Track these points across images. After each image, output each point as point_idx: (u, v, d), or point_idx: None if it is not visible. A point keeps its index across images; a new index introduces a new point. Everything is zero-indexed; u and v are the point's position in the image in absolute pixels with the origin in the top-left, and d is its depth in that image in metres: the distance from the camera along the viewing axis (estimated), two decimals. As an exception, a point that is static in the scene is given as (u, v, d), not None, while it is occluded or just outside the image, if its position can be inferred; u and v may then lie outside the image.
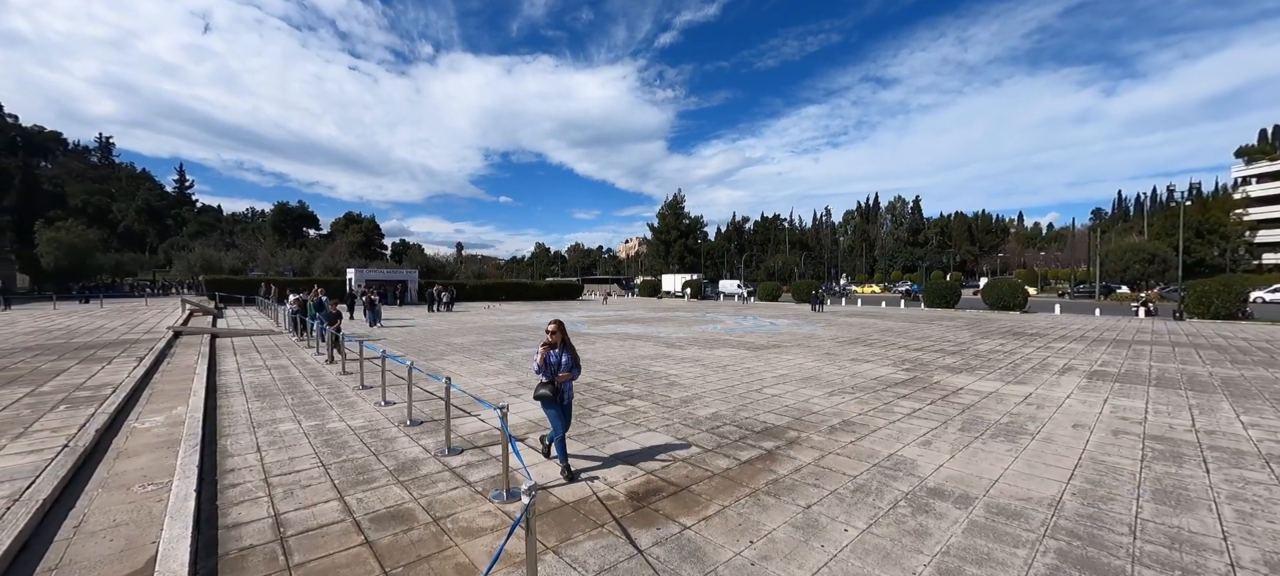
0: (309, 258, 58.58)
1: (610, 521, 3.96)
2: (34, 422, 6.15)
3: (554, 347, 4.72)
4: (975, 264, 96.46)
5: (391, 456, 5.43)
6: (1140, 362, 11.63)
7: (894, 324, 21.99)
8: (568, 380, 4.76)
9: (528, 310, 32.40)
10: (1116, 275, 47.16)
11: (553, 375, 4.67)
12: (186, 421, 6.32)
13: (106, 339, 14.80)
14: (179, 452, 5.16)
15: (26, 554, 3.34)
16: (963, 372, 10.34)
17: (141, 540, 3.56)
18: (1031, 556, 3.46)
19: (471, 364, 11.59)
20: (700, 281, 58.69)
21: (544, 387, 4.64)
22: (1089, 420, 6.87)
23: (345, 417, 6.99)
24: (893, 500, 4.33)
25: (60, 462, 4.68)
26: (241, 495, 4.46)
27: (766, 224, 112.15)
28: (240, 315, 26.64)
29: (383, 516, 4.06)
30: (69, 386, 8.29)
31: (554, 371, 4.68)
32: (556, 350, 4.74)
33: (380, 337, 16.40)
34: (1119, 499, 4.39)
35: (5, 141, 68.76)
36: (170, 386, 8.77)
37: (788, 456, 5.41)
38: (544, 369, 4.68)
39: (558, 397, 4.64)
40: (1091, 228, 79.10)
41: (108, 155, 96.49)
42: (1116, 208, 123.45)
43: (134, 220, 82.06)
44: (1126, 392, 8.54)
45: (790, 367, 10.94)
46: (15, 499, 3.88)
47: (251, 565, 3.37)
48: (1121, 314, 27.82)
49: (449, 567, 3.34)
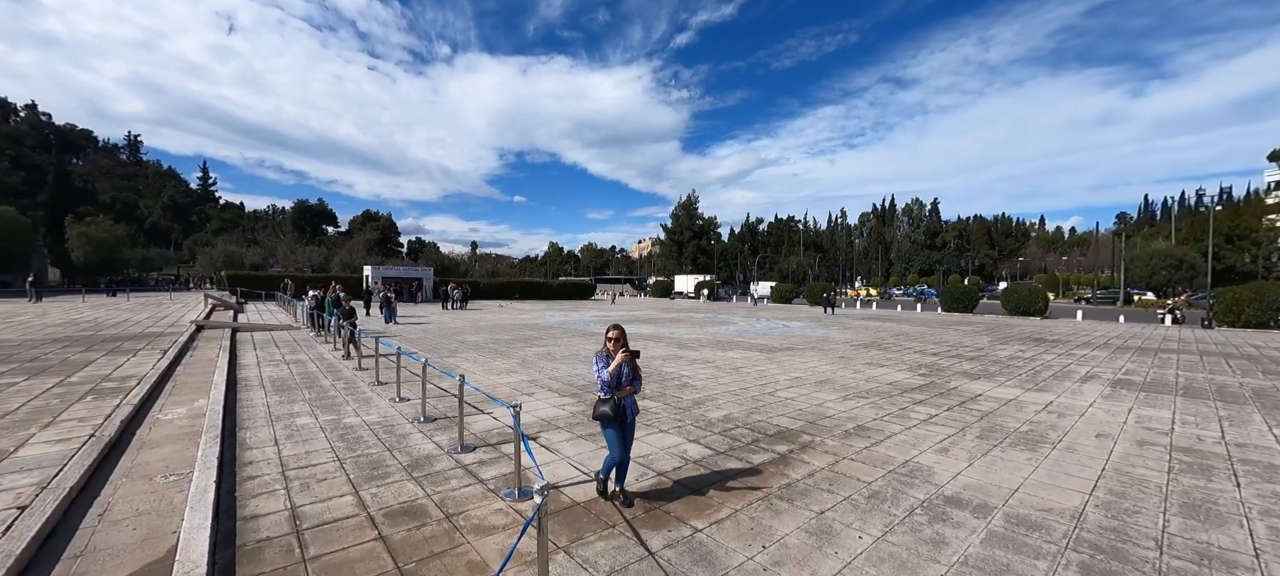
0: (327, 254, 59.58)
1: (621, 522, 3.94)
2: (62, 412, 6.33)
3: (612, 356, 4.13)
4: (994, 268, 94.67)
5: (405, 452, 5.48)
6: (1166, 371, 11.30)
7: (910, 328, 21.67)
8: (630, 394, 4.21)
9: (541, 309, 32.56)
10: (1142, 281, 45.94)
11: (614, 390, 4.08)
12: (207, 414, 6.45)
13: (132, 332, 15.20)
14: (200, 444, 5.26)
15: (53, 540, 3.44)
16: (981, 379, 10.15)
17: (163, 529, 3.64)
18: (1052, 569, 3.37)
19: (485, 362, 11.68)
20: (714, 282, 58.43)
21: (605, 404, 4.03)
22: (1113, 430, 6.69)
23: (361, 413, 7.08)
24: (908, 508, 4.26)
25: (86, 452, 4.81)
26: (259, 487, 4.54)
27: (780, 225, 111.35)
28: (260, 310, 27.18)
29: (396, 512, 4.10)
30: (96, 377, 8.52)
31: (616, 386, 4.09)
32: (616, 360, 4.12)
33: (395, 334, 16.61)
34: (1145, 512, 4.26)
35: (39, 139, 71.06)
36: (192, 379, 8.97)
37: (801, 461, 5.35)
38: (606, 382, 4.06)
39: (621, 417, 4.06)
40: (1116, 232, 77.18)
41: (136, 153, 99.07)
42: (1142, 212, 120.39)
43: (160, 216, 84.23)
44: (1152, 402, 8.30)
45: (804, 370, 10.83)
46: (43, 486, 3.99)
47: (268, 557, 3.42)
48: (1147, 321, 27.10)
49: (461, 564, 3.35)
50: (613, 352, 4.12)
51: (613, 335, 4.16)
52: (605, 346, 4.19)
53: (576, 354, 12.91)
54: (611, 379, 4.03)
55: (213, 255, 58.71)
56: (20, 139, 67.69)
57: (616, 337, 4.14)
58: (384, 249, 71.47)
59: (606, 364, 4.10)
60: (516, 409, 4.27)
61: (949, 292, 33.76)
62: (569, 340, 15.91)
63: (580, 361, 11.71)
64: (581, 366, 11.04)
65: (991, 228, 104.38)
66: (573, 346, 14.40)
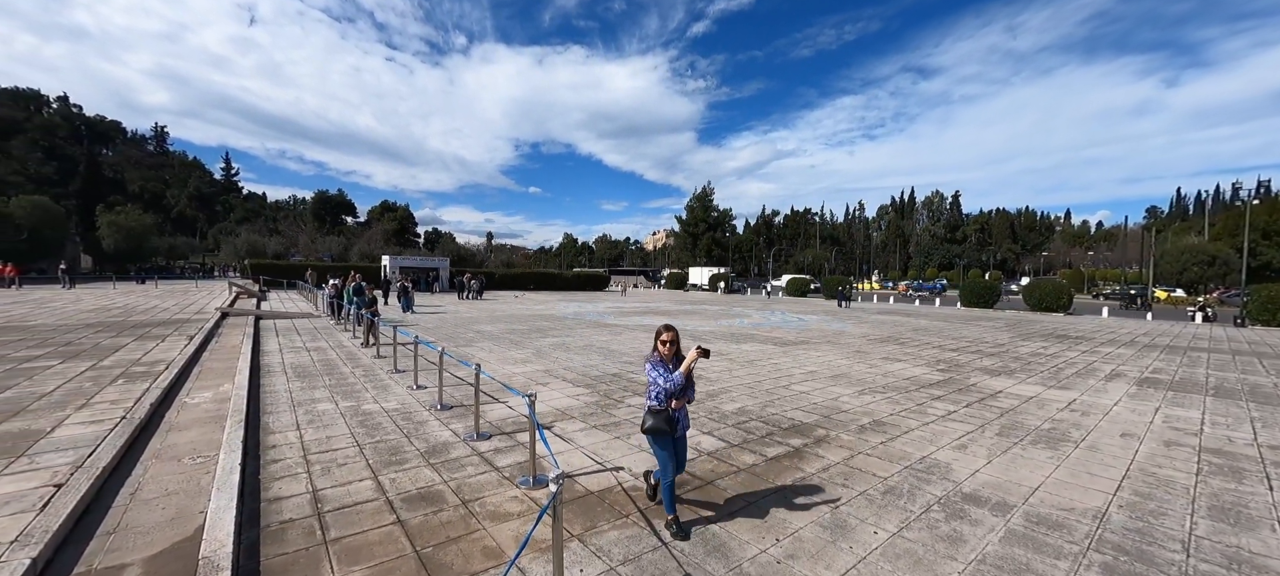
0: (347, 244, 60.61)
1: (635, 512, 3.97)
2: (95, 395, 6.56)
3: (667, 362, 3.64)
4: (1017, 263, 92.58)
5: (422, 439, 5.57)
6: (1196, 370, 10.97)
7: (928, 323, 21.34)
8: (683, 406, 3.74)
9: (555, 300, 32.74)
10: (1172, 277, 44.49)
11: (668, 400, 3.58)
12: (232, 398, 6.63)
13: (160, 318, 15.65)
14: (225, 428, 5.42)
15: (88, 517, 3.57)
16: (1001, 375, 9.96)
17: (190, 509, 3.76)
18: (1074, 569, 3.31)
19: (500, 351, 11.79)
20: (729, 275, 58.04)
21: (657, 416, 3.55)
22: (1139, 429, 6.52)
23: (379, 400, 7.20)
24: (925, 504, 4.21)
25: (118, 433, 4.98)
26: (282, 470, 4.65)
27: (797, 218, 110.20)
28: (282, 298, 27.77)
29: (414, 497, 4.17)
30: (126, 361, 8.80)
31: (671, 395, 3.57)
32: (670, 366, 3.61)
33: (413, 323, 16.85)
34: (1171, 514, 4.15)
35: (71, 130, 73.22)
36: (217, 364, 9.22)
37: (816, 455, 5.32)
38: (666, 391, 3.56)
39: (673, 429, 3.57)
40: (1146, 226, 74.81)
41: (162, 143, 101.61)
42: (1175, 205, 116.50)
43: (186, 206, 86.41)
44: (1181, 402, 8.07)
45: (819, 364, 10.74)
46: (78, 466, 4.15)
47: (291, 538, 3.52)
48: (1176, 319, 26.31)
49: (477, 550, 3.41)
50: (667, 356, 3.63)
51: (666, 337, 3.64)
52: (657, 349, 3.66)
53: (590, 345, 12.97)
54: (676, 387, 3.50)
55: (236, 244, 60.14)
56: (53, 130, 69.81)
57: (671, 339, 3.64)
58: (401, 239, 72.44)
59: (662, 370, 3.57)
60: (531, 398, 4.31)
61: (969, 288, 33.09)
62: (583, 331, 15.99)
63: (594, 352, 11.77)
64: (596, 357, 11.09)
65: (1014, 221, 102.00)
66: (587, 337, 14.47)
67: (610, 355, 11.42)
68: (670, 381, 3.51)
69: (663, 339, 3.66)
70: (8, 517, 3.36)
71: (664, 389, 3.53)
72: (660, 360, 3.64)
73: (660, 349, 3.65)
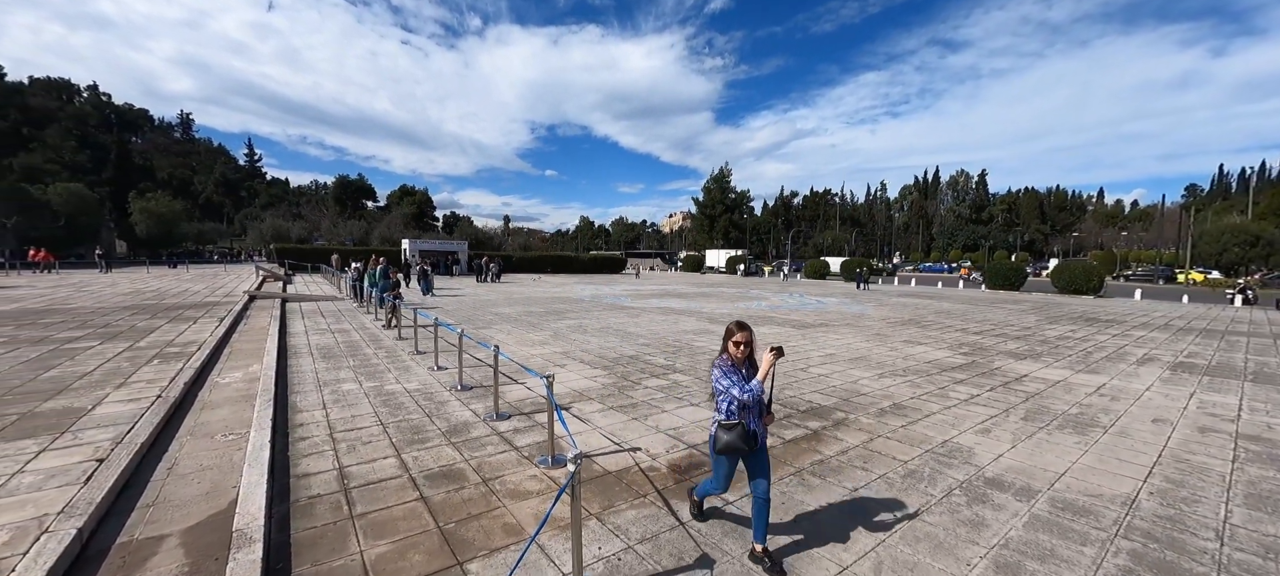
0: (367, 228, 61.64)
1: (652, 492, 4.00)
2: (132, 374, 6.82)
3: (740, 366, 3.09)
4: (1045, 244, 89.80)
5: (443, 418, 5.68)
6: (1234, 355, 10.57)
7: (951, 305, 20.92)
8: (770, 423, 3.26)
9: (572, 282, 32.91)
10: (1211, 258, 42.73)
11: (756, 404, 2.99)
12: (261, 378, 6.83)
13: (192, 301, 16.16)
14: (255, 407, 5.59)
15: (129, 491, 3.73)
16: (1027, 359, 9.73)
17: (224, 484, 3.90)
18: (1100, 555, 3.24)
19: (519, 333, 11.92)
20: (747, 257, 57.48)
21: (731, 431, 2.99)
22: (1171, 415, 6.32)
23: (401, 380, 7.35)
24: (946, 488, 4.16)
25: (154, 411, 5.18)
26: (310, 448, 4.80)
27: (816, 199, 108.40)
28: (307, 282, 28.44)
29: (436, 475, 4.26)
30: (161, 342, 9.13)
31: (754, 409, 3.03)
32: (743, 372, 3.07)
33: (433, 306, 17.11)
34: (1205, 501, 4.03)
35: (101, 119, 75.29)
36: (246, 346, 9.50)
37: (834, 437, 5.28)
38: (731, 401, 3.01)
39: (753, 445, 3.03)
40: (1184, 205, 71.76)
41: (188, 131, 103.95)
42: (1216, 183, 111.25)
43: (213, 192, 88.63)
44: (1217, 387, 7.80)
45: (838, 347, 10.63)
46: (118, 442, 4.33)
47: (319, 512, 3.63)
48: (1213, 302, 25.33)
49: (498, 526, 3.47)
50: (741, 360, 3.09)
51: (740, 338, 3.06)
52: (728, 351, 3.11)
53: (608, 327, 13.03)
54: (754, 397, 2.93)
55: (262, 229, 61.64)
56: (85, 119, 71.84)
57: (745, 341, 3.05)
58: (420, 223, 73.36)
59: (734, 376, 3.01)
60: (549, 379, 4.34)
61: (994, 270, 32.28)
62: (600, 314, 16.06)
63: (612, 335, 11.82)
64: (613, 339, 11.14)
65: (1044, 201, 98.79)
66: (604, 320, 14.53)
67: (627, 337, 11.46)
68: (747, 392, 2.92)
69: (735, 340, 3.07)
70: (55, 489, 3.53)
71: (739, 400, 2.97)
72: (731, 365, 3.07)
73: (732, 351, 3.09)
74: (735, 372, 3.05)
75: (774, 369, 2.95)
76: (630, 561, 3.11)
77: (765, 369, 2.92)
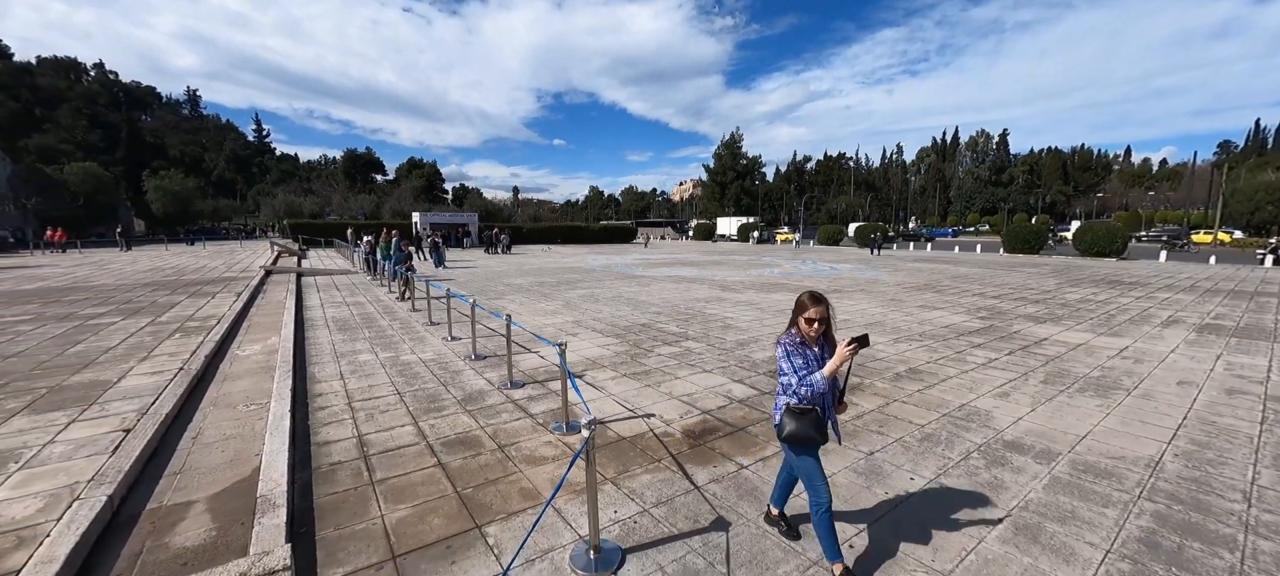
0: (378, 202, 61.83)
1: (667, 457, 4.01)
2: (155, 348, 6.96)
3: (811, 346, 2.58)
4: (1066, 205, 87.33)
5: (458, 387, 5.73)
6: (1263, 316, 10.27)
7: (968, 270, 20.55)
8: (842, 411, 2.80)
9: (583, 252, 32.87)
10: (1243, 218, 41.25)
11: (823, 396, 2.54)
12: (280, 350, 6.94)
13: (210, 277, 16.43)
14: (274, 378, 5.69)
15: (156, 459, 3.83)
16: (1047, 322, 9.55)
17: (247, 452, 3.98)
18: (1123, 517, 3.19)
19: (530, 303, 11.96)
20: (760, 224, 56.75)
21: (803, 417, 2.51)
22: (1197, 377, 6.17)
23: (416, 351, 7.43)
24: (964, 451, 4.11)
25: (178, 383, 5.29)
26: (329, 417, 4.88)
27: (830, 163, 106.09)
28: (321, 256, 28.75)
29: (453, 441, 4.32)
30: (181, 317, 9.30)
31: (825, 394, 2.54)
32: (814, 352, 2.57)
33: (444, 278, 17.22)
34: (1231, 463, 3.94)
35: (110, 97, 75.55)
36: (264, 319, 9.65)
37: (849, 402, 5.24)
38: (813, 386, 2.46)
39: (825, 436, 2.57)
40: (1216, 163, 69.02)
41: (196, 107, 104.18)
42: (1252, 139, 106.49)
43: (224, 169, 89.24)
44: (1245, 349, 7.59)
45: (853, 313, 10.51)
46: (143, 413, 4.43)
47: (341, 478, 3.70)
48: (1243, 262, 24.58)
49: (515, 491, 3.51)
50: (812, 338, 2.56)
51: (814, 314, 2.52)
52: (799, 327, 2.57)
53: (619, 296, 13.01)
54: (816, 392, 2.47)
55: (275, 205, 62.14)
56: (94, 98, 72.17)
57: (821, 317, 2.53)
58: (430, 195, 73.39)
59: (805, 356, 2.52)
60: (562, 347, 4.33)
61: (1012, 233, 31.52)
62: (612, 283, 16.04)
63: (623, 304, 11.80)
64: (624, 308, 11.13)
65: (1067, 161, 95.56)
66: (615, 289, 14.51)
67: (639, 306, 11.44)
68: (808, 385, 2.45)
69: (808, 316, 2.52)
70: (85, 459, 3.63)
71: (800, 394, 2.49)
72: (800, 343, 2.56)
73: (802, 328, 2.55)
74: (804, 351, 2.54)
75: (851, 362, 2.45)
76: (646, 524, 3.13)
77: (836, 363, 2.40)
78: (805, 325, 2.55)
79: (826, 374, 2.44)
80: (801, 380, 2.49)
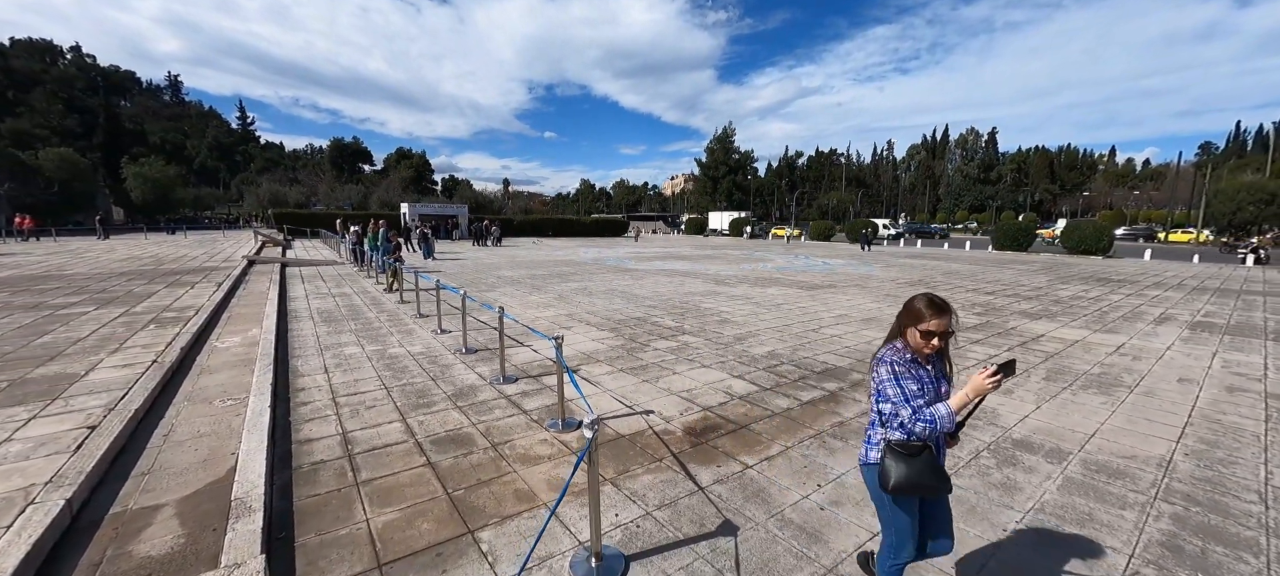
0: (365, 192, 60.81)
1: (668, 456, 3.84)
2: (128, 339, 6.64)
3: (924, 365, 2.01)
4: (1053, 204, 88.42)
5: (449, 382, 5.51)
6: (1253, 314, 10.35)
7: (959, 266, 20.62)
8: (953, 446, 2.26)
9: (574, 245, 32.57)
10: (1224, 218, 41.94)
11: (941, 430, 1.90)
12: (261, 342, 6.66)
13: (189, 266, 15.93)
14: (254, 371, 5.42)
15: (123, 459, 3.58)
16: (1042, 319, 9.52)
17: (222, 450, 3.74)
18: (1142, 520, 3.08)
19: (522, 296, 11.72)
20: (751, 218, 56.68)
21: (912, 463, 1.93)
22: (1196, 374, 6.14)
23: (404, 344, 7.18)
24: (974, 450, 3.99)
25: (150, 376, 5.01)
26: (312, 413, 4.64)
27: (821, 159, 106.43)
28: (307, 247, 28.13)
29: (443, 439, 4.11)
30: (158, 307, 8.94)
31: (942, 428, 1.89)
32: (929, 373, 2.01)
33: (434, 270, 16.88)
34: (1242, 462, 3.87)
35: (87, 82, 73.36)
36: (245, 310, 9.31)
37: (853, 399, 5.11)
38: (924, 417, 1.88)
39: (945, 484, 1.98)
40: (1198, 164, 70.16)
41: (177, 93, 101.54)
42: (1232, 140, 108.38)
43: (207, 156, 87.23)
44: (1240, 346, 7.60)
45: (848, 308, 10.41)
46: (111, 408, 4.16)
47: (323, 479, 3.48)
48: (1225, 261, 24.97)
49: (509, 492, 3.32)
50: (928, 355, 1.99)
51: (935, 325, 1.92)
52: (910, 340, 1.99)
53: (613, 289, 12.81)
54: (937, 430, 1.88)
55: (259, 194, 60.83)
56: (70, 82, 70.06)
57: (942, 329, 1.93)
58: (419, 186, 72.32)
59: (920, 380, 1.95)
60: (558, 341, 4.13)
61: (1001, 230, 31.78)
62: (604, 276, 15.83)
63: (617, 296, 11.61)
64: (619, 301, 10.94)
65: (1054, 160, 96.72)
66: (608, 282, 14.30)
67: (633, 299, 11.25)
68: (927, 420, 1.86)
69: (925, 327, 1.92)
70: (44, 459, 3.37)
71: (912, 431, 1.89)
72: (912, 361, 1.97)
73: (914, 341, 1.96)
74: (916, 375, 1.94)
75: (990, 387, 1.78)
76: (649, 528, 2.96)
77: (971, 396, 1.83)
78: (920, 339, 1.94)
79: (956, 407, 1.87)
80: (916, 412, 1.88)
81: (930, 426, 1.87)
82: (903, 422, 1.92)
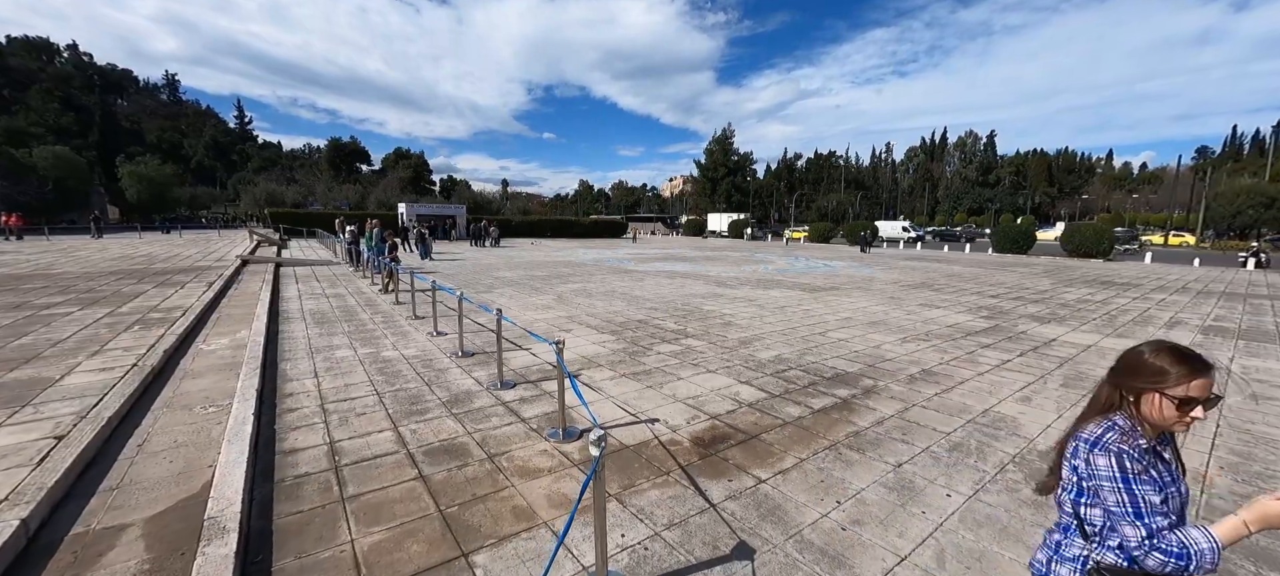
0: (363, 192, 60.47)
1: (676, 469, 3.61)
2: (109, 341, 6.38)
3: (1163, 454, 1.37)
4: (1051, 208, 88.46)
5: (444, 387, 5.28)
6: (1262, 319, 10.17)
7: (962, 269, 20.45)
8: None
9: (573, 247, 32.32)
10: (1223, 221, 41.97)
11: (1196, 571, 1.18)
12: (249, 345, 6.41)
13: (181, 265, 15.65)
14: (240, 375, 5.18)
15: (91, 471, 3.33)
16: (1052, 323, 9.32)
17: (199, 463, 3.50)
18: (1187, 541, 2.86)
19: (521, 298, 11.48)
20: (750, 220, 56.50)
21: None
22: (1217, 382, 5.92)
23: (399, 347, 6.94)
24: (999, 463, 3.77)
25: (128, 381, 4.76)
26: (299, 420, 4.40)
27: (820, 161, 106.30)
28: (303, 247, 27.83)
29: (436, 450, 3.87)
30: (144, 308, 8.67)
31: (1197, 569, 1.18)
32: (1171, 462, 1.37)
33: (431, 270, 16.62)
34: (1279, 476, 3.66)
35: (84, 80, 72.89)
36: (236, 311, 9.06)
37: (866, 407, 4.89)
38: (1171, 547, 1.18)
39: None
40: (1196, 167, 70.22)
41: (175, 92, 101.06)
42: (1229, 144, 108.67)
43: (203, 156, 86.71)
44: (1256, 352, 7.41)
45: (853, 311, 10.20)
46: (82, 416, 3.91)
47: (306, 494, 3.25)
48: (1226, 264, 24.86)
49: (506, 510, 3.09)
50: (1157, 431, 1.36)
51: (1198, 389, 1.26)
52: (1151, 413, 1.31)
53: (613, 291, 12.58)
54: (1217, 557, 1.17)
55: (256, 194, 60.39)
56: (67, 80, 69.62)
57: (1204, 394, 1.27)
58: (417, 187, 71.94)
59: (1160, 483, 1.27)
60: (559, 345, 3.90)
61: (1002, 232, 31.64)
62: (604, 277, 15.59)
63: (617, 298, 11.38)
64: (619, 303, 10.71)
65: (1052, 163, 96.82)
66: (608, 283, 14.07)
67: (634, 301, 11.02)
68: (1175, 553, 1.19)
69: (1179, 394, 1.27)
70: (1, 473, 3.12)
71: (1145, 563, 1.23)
72: (1146, 449, 1.30)
73: (1155, 414, 1.31)
74: (1155, 477, 1.27)
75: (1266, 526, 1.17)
76: (659, 550, 2.73)
77: (1242, 532, 1.18)
78: (1175, 412, 1.27)
79: (1226, 540, 1.18)
80: (1155, 537, 1.21)
81: (1179, 563, 1.18)
82: (1132, 548, 1.24)
